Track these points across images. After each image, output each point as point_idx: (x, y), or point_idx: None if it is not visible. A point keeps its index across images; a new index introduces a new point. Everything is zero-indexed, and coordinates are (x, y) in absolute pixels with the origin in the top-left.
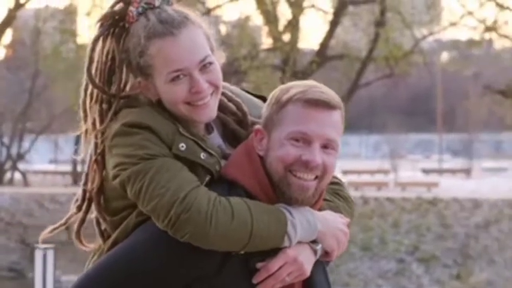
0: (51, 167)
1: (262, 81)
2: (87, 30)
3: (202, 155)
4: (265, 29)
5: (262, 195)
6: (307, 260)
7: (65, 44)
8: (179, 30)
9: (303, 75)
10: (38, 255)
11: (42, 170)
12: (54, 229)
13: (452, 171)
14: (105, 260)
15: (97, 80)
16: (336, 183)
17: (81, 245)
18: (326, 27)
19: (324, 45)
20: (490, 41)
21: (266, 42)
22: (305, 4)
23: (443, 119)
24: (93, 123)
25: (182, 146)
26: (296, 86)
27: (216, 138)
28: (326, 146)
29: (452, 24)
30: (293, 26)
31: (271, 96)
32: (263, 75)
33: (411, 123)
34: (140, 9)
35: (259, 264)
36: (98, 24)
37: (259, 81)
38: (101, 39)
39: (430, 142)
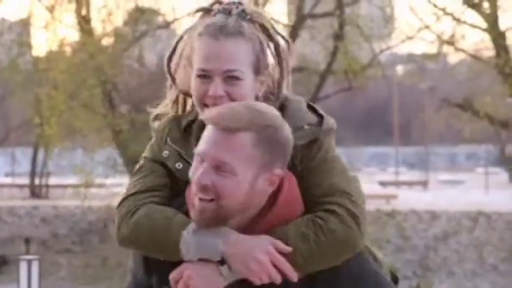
0: (8, 180)
1: None
2: (44, 42)
3: (178, 165)
4: None
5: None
6: (201, 277)
7: (22, 56)
8: (225, 37)
9: None
10: (23, 267)
11: None
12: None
13: (409, 184)
14: None
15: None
16: (330, 210)
17: None
18: None
19: None
20: (445, 55)
21: None
22: None
23: (399, 131)
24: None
25: (165, 153)
26: (216, 107)
27: None
28: (219, 167)
29: (410, 37)
30: None
31: None
32: None
33: (368, 136)
34: (217, 10)
35: (170, 275)
36: (197, 16)
37: None
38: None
39: (385, 155)
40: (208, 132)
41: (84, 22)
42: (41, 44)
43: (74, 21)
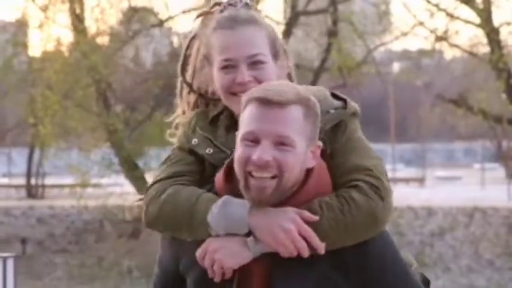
0: (5, 181)
1: None
2: (39, 42)
3: (208, 150)
4: None
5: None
6: (227, 250)
7: (17, 56)
8: (240, 25)
9: None
10: None
11: None
12: None
13: (406, 180)
14: None
15: (189, 74)
16: (352, 186)
17: None
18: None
19: None
20: (441, 51)
21: None
22: None
23: (395, 128)
24: (183, 112)
25: (194, 141)
26: (256, 87)
27: None
28: (278, 142)
29: (404, 34)
30: None
31: None
32: None
33: (363, 133)
34: (223, 7)
35: (196, 252)
36: (198, 22)
37: None
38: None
39: (382, 152)
40: (255, 110)
41: (77, 21)
42: (35, 44)
43: (67, 20)
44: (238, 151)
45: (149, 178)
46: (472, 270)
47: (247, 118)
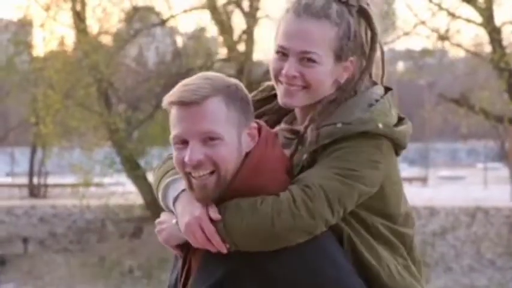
0: (8, 180)
1: None
2: (41, 41)
3: None
4: (220, 40)
5: None
6: (165, 227)
7: (19, 55)
8: (308, 17)
9: (258, 85)
10: None
11: None
12: None
13: (409, 180)
14: None
15: None
16: (277, 195)
17: None
18: None
19: None
20: (444, 51)
21: (221, 52)
22: (259, 14)
23: None
24: None
25: None
26: (174, 88)
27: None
28: (206, 140)
29: (406, 33)
30: (248, 36)
31: None
32: None
33: None
34: None
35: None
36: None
37: None
38: None
39: None
40: (176, 113)
41: (79, 20)
42: (38, 44)
43: (69, 20)
44: (174, 155)
45: (151, 177)
46: (474, 270)
47: (172, 122)
